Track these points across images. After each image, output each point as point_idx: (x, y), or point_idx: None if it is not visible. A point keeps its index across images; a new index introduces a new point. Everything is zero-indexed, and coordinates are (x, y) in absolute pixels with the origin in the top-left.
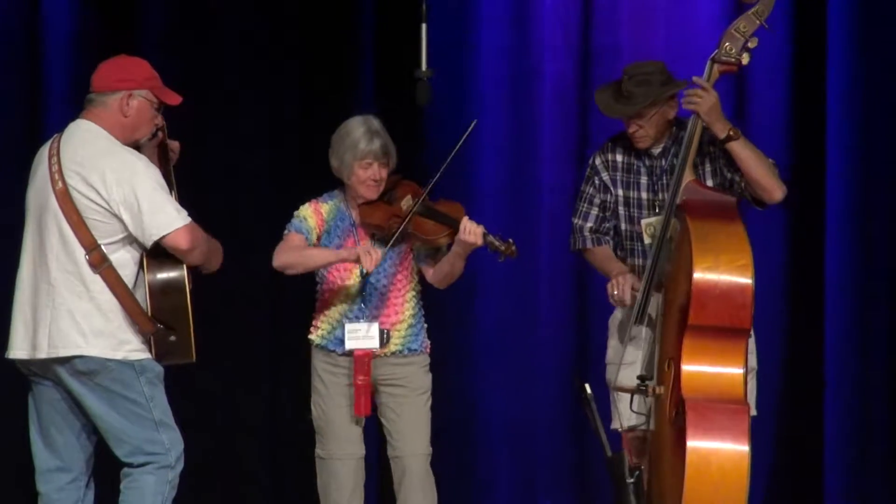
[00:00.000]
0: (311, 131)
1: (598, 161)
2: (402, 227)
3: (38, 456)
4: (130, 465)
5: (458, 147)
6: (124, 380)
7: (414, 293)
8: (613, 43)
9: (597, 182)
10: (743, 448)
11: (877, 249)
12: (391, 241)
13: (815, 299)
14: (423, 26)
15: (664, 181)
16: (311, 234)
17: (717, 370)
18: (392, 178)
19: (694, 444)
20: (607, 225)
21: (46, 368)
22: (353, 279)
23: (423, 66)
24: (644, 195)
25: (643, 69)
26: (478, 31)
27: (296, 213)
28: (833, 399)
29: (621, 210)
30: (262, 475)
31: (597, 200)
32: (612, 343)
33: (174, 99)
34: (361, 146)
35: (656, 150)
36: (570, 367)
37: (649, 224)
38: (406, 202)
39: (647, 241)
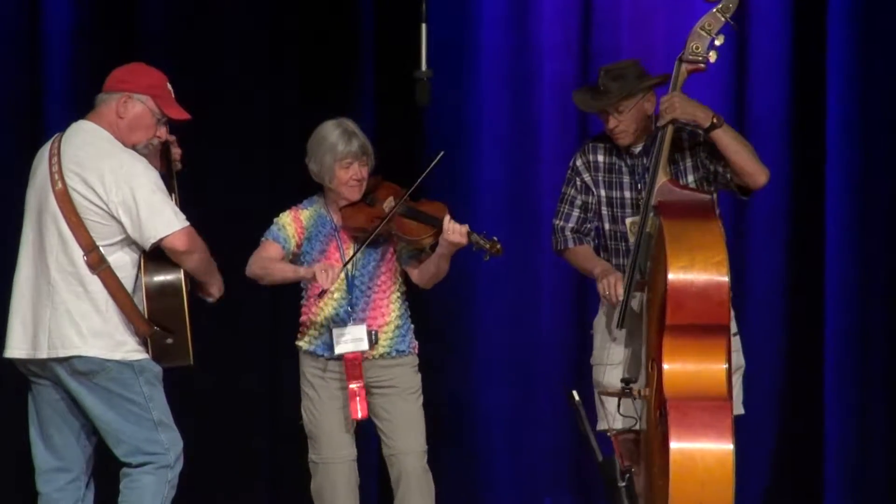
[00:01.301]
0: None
1: (579, 162)
2: (380, 226)
3: (38, 456)
4: (129, 465)
5: (429, 170)
6: (123, 380)
7: (399, 294)
8: (613, 43)
9: (578, 183)
10: (727, 445)
11: (876, 249)
12: (368, 240)
13: (815, 299)
14: (423, 26)
15: (646, 179)
16: (288, 242)
17: (698, 368)
18: (373, 180)
19: (677, 443)
20: (588, 226)
21: (45, 368)
22: (337, 284)
23: (424, 67)
24: (627, 194)
25: (618, 65)
26: (478, 32)
27: (275, 219)
28: (833, 399)
29: (604, 210)
30: (261, 476)
31: (578, 202)
32: (598, 344)
33: (179, 114)
34: (340, 147)
35: (637, 149)
36: (571, 367)
37: (634, 223)
38: (388, 203)
39: (632, 240)
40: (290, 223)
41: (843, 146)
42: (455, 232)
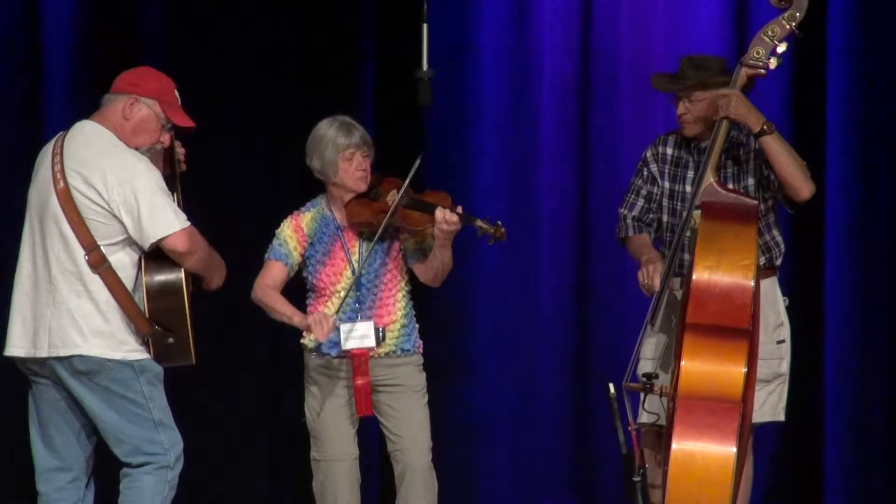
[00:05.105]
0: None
1: (648, 154)
2: (388, 218)
3: (38, 456)
4: (130, 465)
5: (419, 160)
6: (123, 379)
7: (404, 293)
8: (613, 43)
9: (645, 173)
10: (729, 448)
11: (877, 250)
12: (378, 235)
13: (815, 299)
14: (425, 26)
15: None
16: (291, 258)
17: (713, 369)
18: (375, 176)
19: (679, 441)
20: (651, 216)
21: (45, 367)
22: (342, 282)
23: (425, 67)
24: (688, 189)
25: (703, 56)
26: (478, 32)
27: (277, 232)
28: (833, 399)
29: (665, 202)
30: (261, 475)
31: (643, 192)
32: (643, 338)
33: (183, 120)
34: (341, 140)
35: (704, 144)
36: (571, 367)
37: (690, 218)
38: (391, 196)
39: (688, 234)
40: (291, 235)
41: (842, 146)
42: (446, 221)
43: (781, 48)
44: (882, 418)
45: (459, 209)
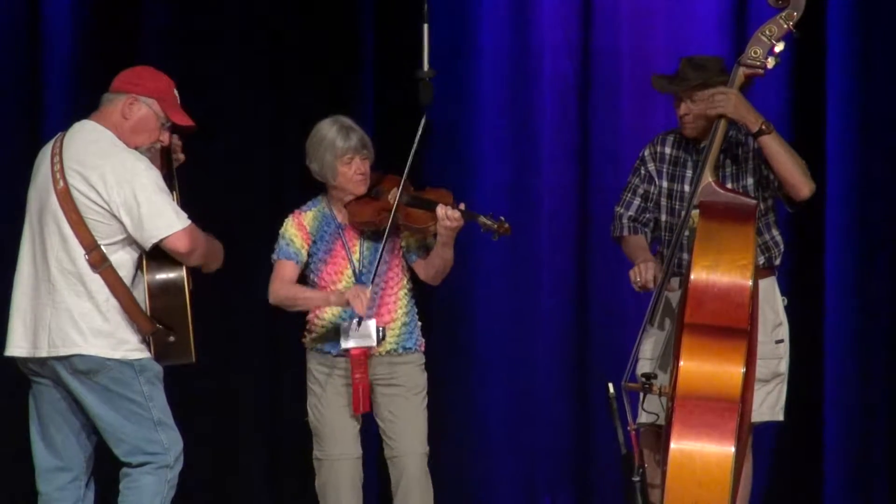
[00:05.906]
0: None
1: (646, 152)
2: (392, 217)
3: (39, 455)
4: (129, 465)
5: (417, 140)
6: (123, 379)
7: (406, 291)
8: (613, 43)
9: (642, 172)
10: (728, 448)
11: (877, 250)
12: (385, 236)
13: (815, 300)
14: (425, 27)
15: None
16: (300, 255)
17: (712, 369)
18: (375, 174)
19: (678, 440)
20: (647, 216)
21: (45, 367)
22: (343, 281)
23: (426, 67)
24: (687, 188)
25: (701, 57)
26: (478, 32)
27: (281, 232)
28: (833, 399)
29: (664, 202)
30: (261, 476)
31: (640, 191)
32: (643, 338)
33: (183, 119)
34: (339, 143)
35: (704, 144)
36: (570, 366)
37: (689, 217)
38: (392, 194)
39: (687, 233)
40: (296, 234)
41: (843, 147)
42: (449, 218)
43: (779, 47)
44: (882, 418)
45: (462, 206)
